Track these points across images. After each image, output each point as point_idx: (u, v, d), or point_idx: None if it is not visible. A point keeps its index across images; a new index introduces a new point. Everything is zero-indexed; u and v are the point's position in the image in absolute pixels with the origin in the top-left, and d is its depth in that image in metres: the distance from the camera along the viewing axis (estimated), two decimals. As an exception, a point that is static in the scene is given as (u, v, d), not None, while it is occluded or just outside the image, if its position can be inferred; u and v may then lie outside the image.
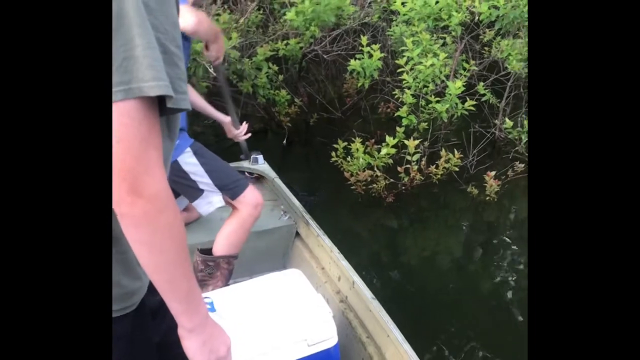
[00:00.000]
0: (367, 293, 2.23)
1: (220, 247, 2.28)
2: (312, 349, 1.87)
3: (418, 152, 3.75)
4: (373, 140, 3.90)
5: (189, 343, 0.99)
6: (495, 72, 4.32)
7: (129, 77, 0.78)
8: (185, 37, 2.00)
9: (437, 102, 3.84)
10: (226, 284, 2.34)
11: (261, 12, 4.73)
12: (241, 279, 2.29)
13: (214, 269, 2.29)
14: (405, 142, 3.68)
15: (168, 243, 0.87)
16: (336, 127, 4.69)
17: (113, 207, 0.82)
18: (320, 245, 2.60)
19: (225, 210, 2.39)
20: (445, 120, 3.91)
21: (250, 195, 2.28)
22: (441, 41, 4.13)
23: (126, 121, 0.79)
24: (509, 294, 3.20)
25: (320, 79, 5.16)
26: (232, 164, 3.03)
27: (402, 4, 4.09)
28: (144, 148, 0.81)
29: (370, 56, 3.97)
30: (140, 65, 0.78)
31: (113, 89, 0.78)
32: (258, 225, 2.67)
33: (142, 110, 0.80)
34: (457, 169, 3.84)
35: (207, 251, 2.31)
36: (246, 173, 3.08)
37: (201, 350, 1.00)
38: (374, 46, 3.96)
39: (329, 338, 1.92)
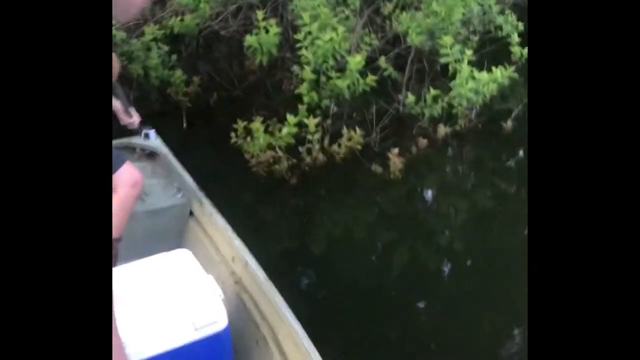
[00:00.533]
0: (261, 274, 2.32)
1: None
2: (199, 333, 1.93)
3: (319, 131, 3.87)
4: (275, 119, 3.98)
5: None
6: (397, 46, 4.50)
7: None
8: None
9: (338, 78, 3.96)
10: (112, 272, 2.34)
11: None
12: (133, 262, 2.29)
13: None
14: (305, 120, 3.78)
15: None
16: (238, 106, 4.72)
17: None
18: (214, 225, 2.65)
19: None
20: (347, 97, 4.04)
21: (127, 173, 2.27)
22: (341, 15, 4.25)
23: None
24: (419, 278, 3.37)
25: (220, 56, 5.18)
26: (122, 140, 3.01)
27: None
28: None
29: (268, 31, 4.04)
30: None
31: None
32: (149, 204, 2.71)
33: None
34: (360, 147, 3.99)
35: None
36: (138, 150, 3.07)
37: None
38: (270, 21, 4.03)
39: (217, 321, 1.99)
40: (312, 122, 3.78)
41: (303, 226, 3.75)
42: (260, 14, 4.09)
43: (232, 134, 3.95)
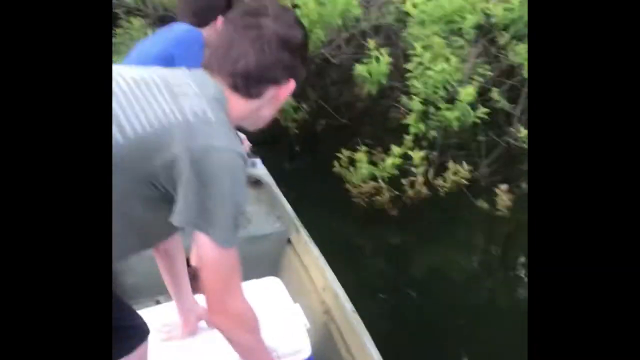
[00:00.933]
0: (349, 306, 2.38)
1: (195, 257, 2.42)
2: (282, 361, 2.02)
3: (424, 164, 3.88)
4: (380, 149, 4.05)
5: None
6: (511, 77, 4.43)
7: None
8: None
9: (447, 109, 3.97)
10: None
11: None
12: None
13: (192, 279, 2.44)
14: (410, 152, 3.82)
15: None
16: (344, 134, 4.84)
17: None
18: (309, 254, 2.76)
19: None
20: (456, 129, 4.03)
21: None
22: (455, 45, 4.25)
23: None
24: (523, 319, 3.27)
25: (330, 83, 5.33)
26: None
27: (414, 5, 4.24)
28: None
29: (379, 60, 4.12)
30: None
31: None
32: (250, 231, 2.88)
33: None
34: (466, 182, 3.96)
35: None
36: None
37: None
38: (382, 50, 4.11)
39: (301, 350, 2.07)
40: (417, 154, 3.81)
41: (399, 261, 3.76)
42: (372, 43, 4.19)
43: (336, 163, 4.06)
